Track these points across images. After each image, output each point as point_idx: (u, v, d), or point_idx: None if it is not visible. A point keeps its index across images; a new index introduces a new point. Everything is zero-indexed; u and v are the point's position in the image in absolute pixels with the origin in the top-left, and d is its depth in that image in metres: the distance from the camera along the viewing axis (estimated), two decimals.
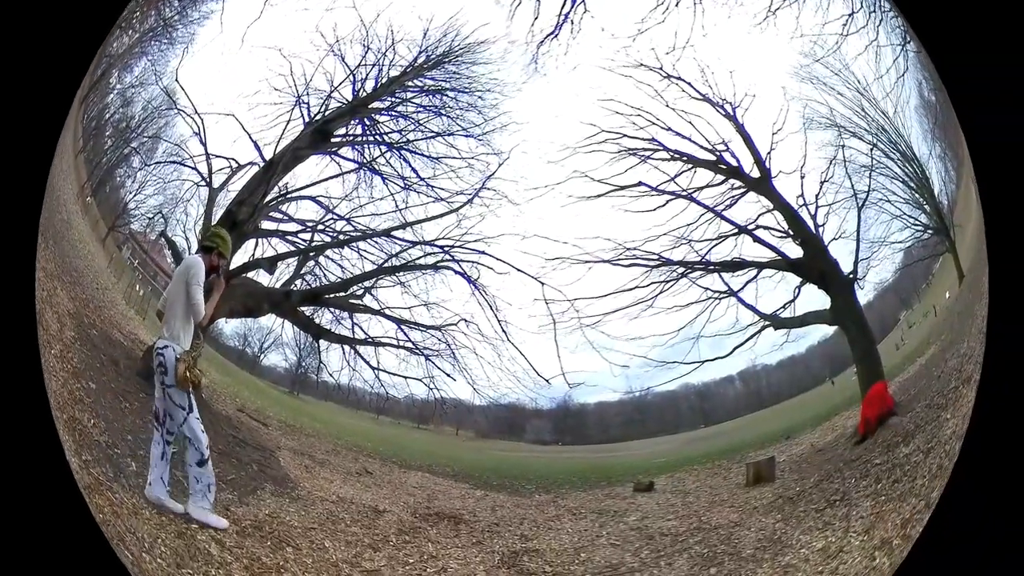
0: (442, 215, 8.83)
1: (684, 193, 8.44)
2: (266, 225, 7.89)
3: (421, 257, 8.88)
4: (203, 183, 8.27)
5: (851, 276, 7.54)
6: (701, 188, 8.46)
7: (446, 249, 8.77)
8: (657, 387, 9.71)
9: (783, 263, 7.89)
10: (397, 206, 9.02)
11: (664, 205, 8.55)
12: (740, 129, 8.38)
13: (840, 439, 7.00)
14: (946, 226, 8.03)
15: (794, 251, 7.92)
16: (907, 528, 2.66)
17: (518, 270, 8.55)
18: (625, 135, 8.75)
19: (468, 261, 8.78)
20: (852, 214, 7.98)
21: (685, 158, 8.54)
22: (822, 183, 8.15)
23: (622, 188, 8.59)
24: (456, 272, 8.87)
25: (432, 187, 9.07)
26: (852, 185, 8.11)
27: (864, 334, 7.30)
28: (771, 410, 10.17)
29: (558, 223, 9.26)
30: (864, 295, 7.80)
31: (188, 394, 3.30)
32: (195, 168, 8.80)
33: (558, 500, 8.14)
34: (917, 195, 8.44)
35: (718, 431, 10.70)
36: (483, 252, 8.62)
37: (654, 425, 11.39)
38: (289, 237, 8.18)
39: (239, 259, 6.82)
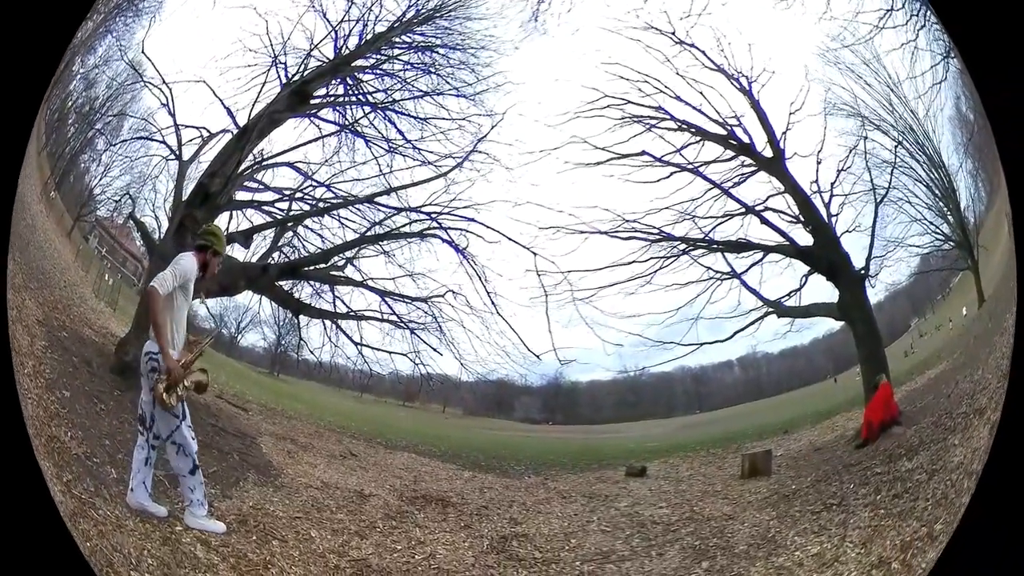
0: (429, 180, 8.65)
1: (690, 166, 8.36)
2: (240, 196, 7.70)
3: (406, 225, 8.75)
4: (172, 157, 8.03)
5: (862, 272, 7.59)
6: (708, 163, 8.37)
7: (433, 216, 8.65)
8: (652, 368, 9.87)
9: (791, 249, 7.92)
10: (381, 170, 8.82)
11: (668, 177, 8.47)
12: (755, 105, 8.24)
13: (840, 440, 7.25)
14: (970, 243, 8.11)
15: (803, 238, 7.96)
16: (907, 553, 2.80)
17: (509, 239, 8.44)
18: (630, 101, 8.57)
19: (456, 229, 8.67)
20: (869, 208, 7.98)
21: (693, 130, 8.40)
22: (839, 171, 8.09)
23: (623, 157, 8.48)
24: (443, 240, 8.77)
25: (419, 150, 8.86)
26: (872, 179, 8.07)
27: (871, 334, 7.42)
28: (770, 401, 10.44)
29: (553, 190, 9.17)
30: (874, 294, 7.90)
31: (182, 402, 3.35)
32: (163, 141, 8.52)
33: (548, 482, 8.41)
34: (941, 204, 8.46)
35: (714, 418, 10.99)
36: (472, 219, 8.51)
37: (648, 407, 11.65)
38: (265, 207, 8.01)
39: None
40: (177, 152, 7.91)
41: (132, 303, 7.07)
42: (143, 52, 8.61)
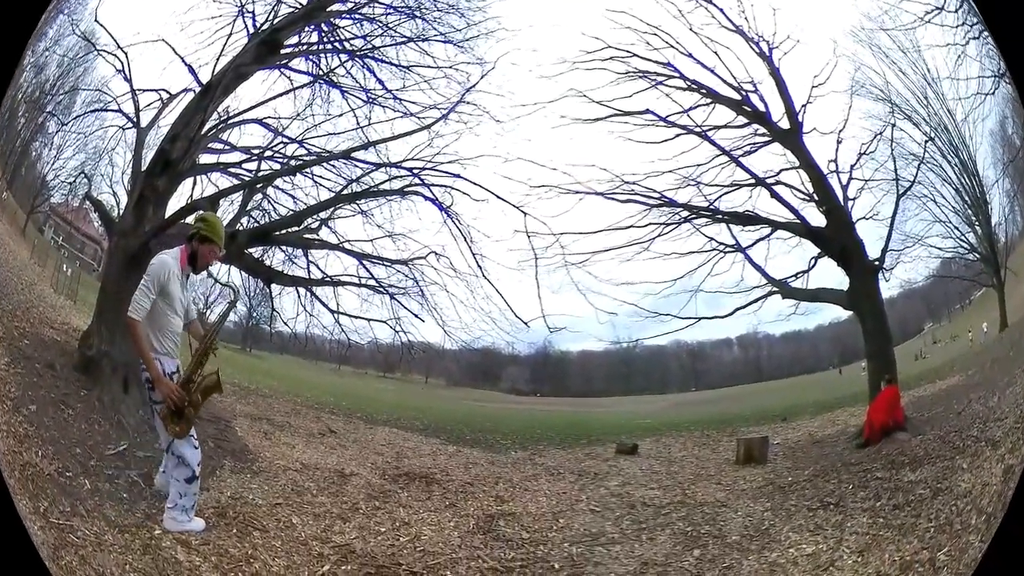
0: (411, 132, 8.36)
1: (698, 129, 8.24)
2: (205, 159, 7.45)
3: (386, 182, 8.52)
4: (129, 125, 7.69)
5: (876, 262, 7.63)
6: (718, 127, 8.25)
7: (415, 172, 8.42)
8: (647, 340, 10.01)
9: (801, 228, 7.92)
10: (358, 123, 8.55)
11: (672, 139, 8.35)
12: (775, 72, 8.06)
13: (841, 436, 7.50)
14: (997, 262, 8.18)
15: (816, 218, 7.96)
16: (907, 574, 2.98)
17: (498, 197, 8.25)
18: (635, 55, 8.34)
19: (440, 186, 8.48)
20: (889, 199, 7.95)
21: (704, 91, 8.23)
22: (861, 154, 8.03)
23: (625, 114, 8.32)
24: (426, 198, 8.59)
25: (400, 101, 8.58)
26: (896, 169, 8.02)
27: (881, 329, 7.51)
28: (769, 385, 10.73)
29: (547, 146, 9.00)
30: (887, 288, 7.98)
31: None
32: (119, 110, 8.16)
33: (535, 458, 8.69)
34: (970, 212, 8.48)
35: (710, 397, 11.28)
36: (458, 176, 8.28)
37: (641, 381, 11.92)
38: (232, 169, 7.77)
39: (175, 204, 6.54)
40: (135, 119, 7.60)
41: (93, 291, 6.97)
42: (96, 21, 8.20)
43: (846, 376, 10.02)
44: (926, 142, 8.26)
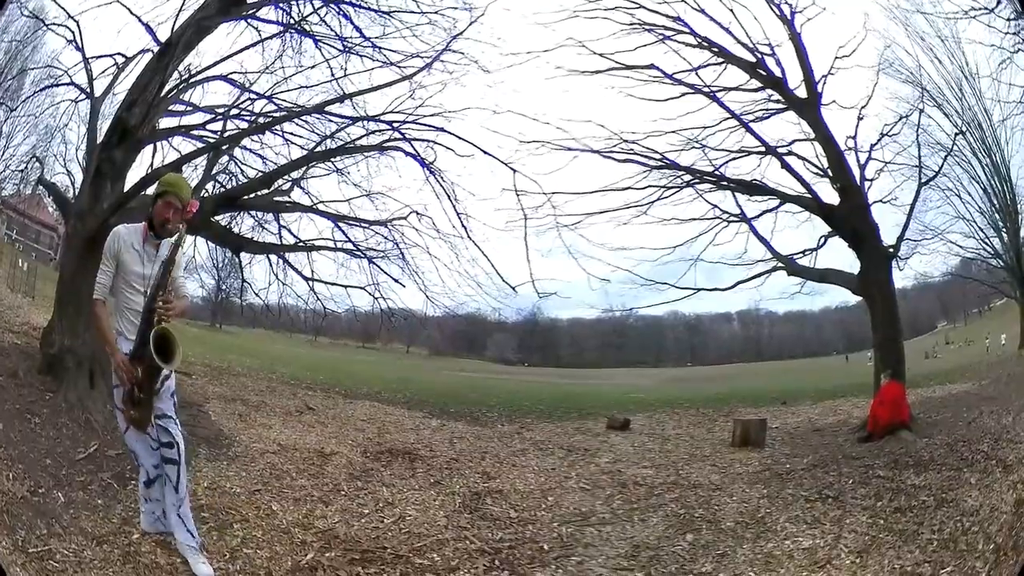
0: (391, 83, 8.11)
1: (706, 89, 8.08)
2: (166, 123, 7.18)
3: (363, 137, 8.33)
4: (82, 97, 7.33)
5: (891, 249, 7.65)
6: (728, 89, 8.08)
7: (395, 125, 8.23)
8: (641, 309, 10.11)
9: (813, 204, 7.91)
10: (333, 75, 8.23)
11: (678, 98, 8.19)
12: (795, 37, 7.84)
13: (843, 427, 7.65)
14: (1023, 273, 8.21)
15: (828, 196, 7.93)
16: None
17: (485, 153, 8.10)
18: (642, 6, 8.04)
19: (422, 140, 8.30)
20: (910, 185, 7.94)
21: (715, 49, 8.01)
22: (883, 135, 7.95)
23: (628, 68, 8.12)
24: (407, 154, 8.43)
25: (379, 49, 8.21)
26: (920, 156, 7.94)
27: (890, 319, 7.58)
28: (769, 365, 10.92)
29: (540, 99, 8.81)
30: (901, 279, 8.05)
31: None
32: (72, 83, 7.78)
33: (523, 432, 8.90)
34: (997, 216, 8.44)
35: (706, 374, 11.49)
36: (441, 129, 8.09)
37: (634, 354, 12.08)
38: (195, 132, 7.51)
39: (133, 176, 6.31)
40: (88, 89, 7.26)
41: (51, 283, 6.81)
42: None
43: (852, 364, 10.22)
44: (956, 135, 8.19)
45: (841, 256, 8.08)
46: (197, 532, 3.24)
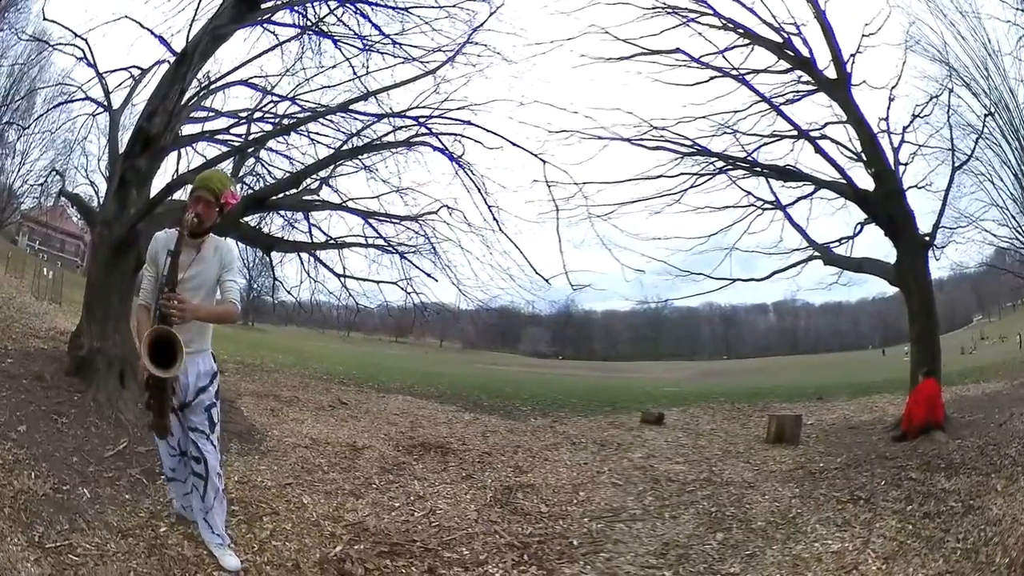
0: (415, 79, 8.18)
1: (735, 73, 7.85)
2: (189, 129, 7.41)
3: (389, 133, 8.41)
4: (100, 110, 7.63)
5: (927, 238, 7.37)
6: (757, 71, 7.88)
7: (421, 121, 8.28)
8: (676, 301, 9.97)
9: (848, 190, 7.65)
10: (355, 73, 8.35)
11: (706, 82, 8.06)
12: (820, 15, 7.59)
13: (877, 425, 7.49)
14: None
15: (864, 181, 7.69)
16: None
17: (513, 144, 8.03)
18: None
19: (450, 134, 8.32)
20: (944, 170, 7.72)
21: (741, 31, 7.81)
22: (915, 116, 7.66)
23: (653, 53, 7.96)
24: (435, 148, 8.48)
25: (400, 45, 8.28)
26: (952, 139, 7.61)
27: (927, 311, 7.37)
28: (805, 359, 10.65)
29: (567, 88, 8.70)
30: (937, 269, 7.80)
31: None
32: (87, 97, 8.14)
33: (556, 425, 8.89)
34: None
35: (742, 367, 11.29)
36: (468, 123, 8.07)
37: (669, 346, 11.96)
38: (219, 136, 7.73)
39: (158, 183, 6.52)
40: (105, 103, 7.54)
41: (78, 288, 7.11)
42: (46, 19, 8.07)
43: (888, 359, 9.92)
44: (985, 116, 7.88)
45: (877, 246, 7.82)
46: (227, 532, 3.26)
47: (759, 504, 4.85)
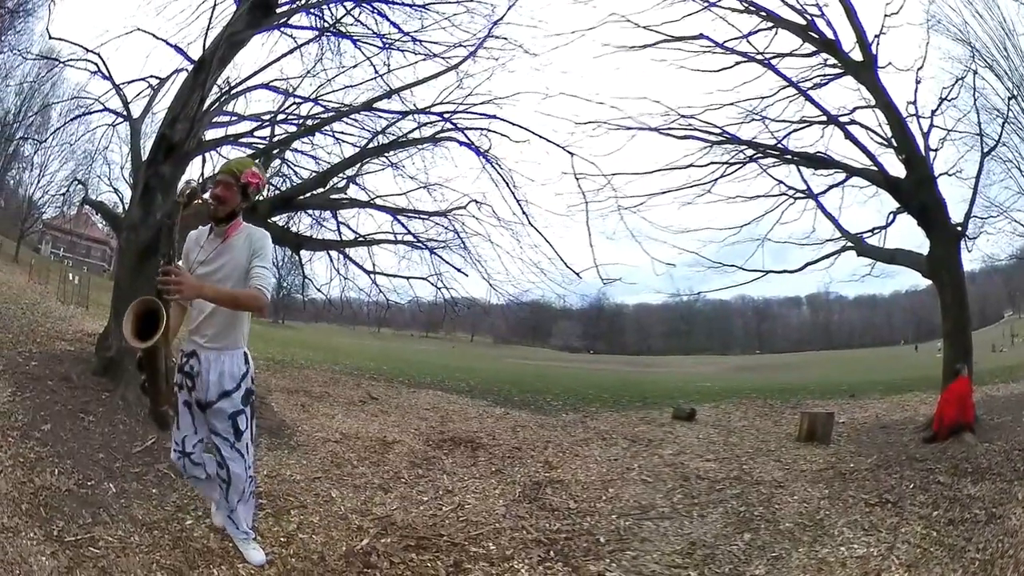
0: (437, 75, 8.24)
1: (760, 57, 7.62)
2: (211, 135, 7.59)
3: (414, 130, 8.51)
4: (120, 120, 7.88)
5: (959, 228, 7.12)
6: (782, 55, 7.63)
7: (446, 116, 8.34)
8: (709, 293, 9.84)
9: (879, 176, 7.40)
10: (377, 72, 8.44)
11: (732, 67, 7.86)
12: None
13: (909, 424, 7.27)
14: None
15: (895, 168, 7.44)
16: None
17: (540, 137, 8.11)
18: None
19: (475, 129, 8.39)
20: (973, 156, 7.40)
21: (763, 13, 7.57)
22: (942, 99, 7.39)
23: (676, 39, 7.79)
24: (461, 143, 8.55)
25: (420, 42, 8.31)
26: (980, 123, 7.34)
27: (960, 305, 7.14)
28: (839, 354, 10.32)
29: (591, 78, 8.62)
30: (969, 261, 7.47)
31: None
32: (105, 108, 8.45)
33: (587, 421, 8.85)
34: None
35: (774, 362, 11.04)
36: (494, 116, 8.15)
37: (701, 340, 11.79)
38: (243, 139, 7.91)
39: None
40: (125, 112, 7.79)
41: (106, 292, 7.37)
42: (51, 38, 8.38)
43: (920, 355, 9.58)
44: (1009, 99, 7.45)
45: (910, 236, 7.53)
46: (251, 527, 3.23)
47: (788, 505, 4.77)
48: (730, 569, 3.56)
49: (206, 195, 2.77)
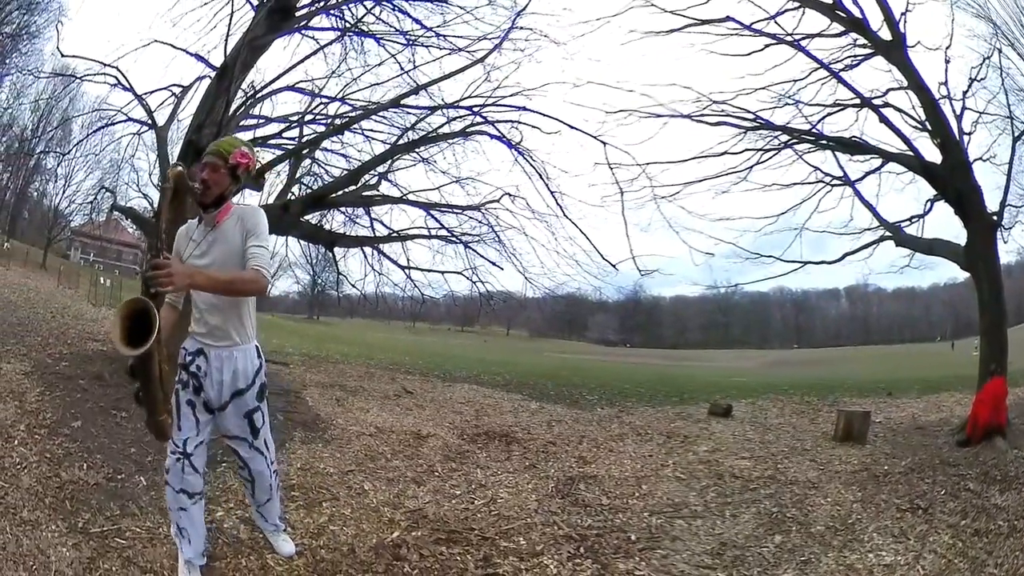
0: (463, 69, 8.25)
1: (788, 39, 7.36)
2: (240, 138, 7.81)
3: (444, 125, 8.55)
4: (145, 128, 8.15)
5: (994, 217, 6.80)
6: (811, 36, 7.35)
7: (475, 110, 8.36)
8: (747, 285, 9.61)
9: (915, 161, 7.07)
10: (403, 68, 8.53)
11: (761, 50, 7.60)
12: None
13: (944, 426, 7.02)
14: None
15: (930, 153, 7.10)
16: None
17: (571, 128, 8.01)
18: None
19: (505, 121, 8.39)
20: (1006, 140, 7.06)
21: None
22: (972, 80, 7.04)
23: (703, 23, 7.59)
24: (492, 137, 8.57)
25: (444, 37, 8.37)
26: (1009, 105, 6.97)
27: (996, 299, 6.79)
28: (876, 350, 9.90)
29: (620, 66, 8.50)
30: (1005, 253, 7.05)
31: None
32: (128, 119, 8.74)
33: (622, 416, 8.78)
34: None
35: (812, 357, 10.70)
36: (524, 108, 8.13)
37: (739, 333, 11.53)
38: (272, 141, 8.12)
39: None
40: (150, 121, 8.06)
41: (138, 294, 7.70)
42: (63, 56, 8.66)
43: (957, 353, 9.11)
44: None
45: (947, 226, 7.17)
46: (282, 518, 3.25)
47: (820, 507, 4.67)
48: (759, 572, 3.50)
49: (195, 183, 2.60)
